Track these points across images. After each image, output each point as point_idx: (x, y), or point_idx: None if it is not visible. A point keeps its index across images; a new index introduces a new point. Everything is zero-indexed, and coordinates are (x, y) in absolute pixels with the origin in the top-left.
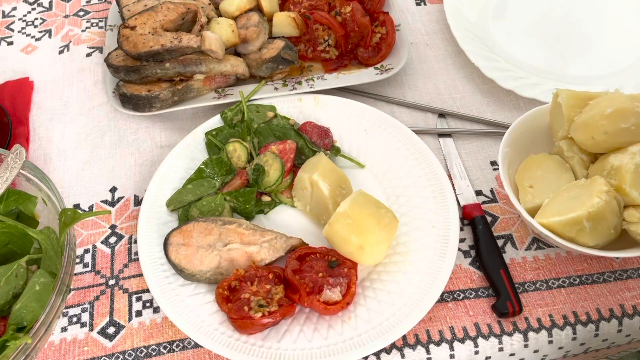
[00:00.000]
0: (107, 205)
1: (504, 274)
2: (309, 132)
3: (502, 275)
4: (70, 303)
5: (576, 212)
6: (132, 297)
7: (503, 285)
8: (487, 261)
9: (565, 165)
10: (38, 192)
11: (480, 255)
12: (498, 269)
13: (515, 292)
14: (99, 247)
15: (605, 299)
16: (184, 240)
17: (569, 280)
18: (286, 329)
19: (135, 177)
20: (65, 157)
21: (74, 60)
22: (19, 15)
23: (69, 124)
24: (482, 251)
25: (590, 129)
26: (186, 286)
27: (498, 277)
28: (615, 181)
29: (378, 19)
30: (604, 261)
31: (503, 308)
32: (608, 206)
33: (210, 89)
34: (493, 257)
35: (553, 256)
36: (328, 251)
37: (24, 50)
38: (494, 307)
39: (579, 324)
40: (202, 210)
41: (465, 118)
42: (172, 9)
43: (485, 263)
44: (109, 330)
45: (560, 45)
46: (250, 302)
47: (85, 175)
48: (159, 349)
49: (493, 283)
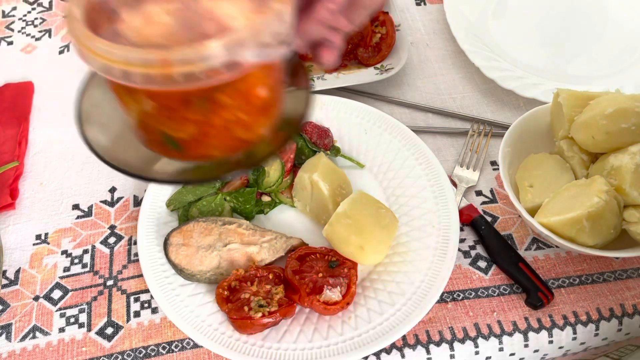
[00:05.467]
0: (106, 205)
1: (524, 267)
2: (309, 132)
3: (522, 269)
4: (68, 304)
5: (576, 212)
6: (130, 297)
7: (528, 279)
8: (503, 258)
9: (565, 165)
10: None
11: (494, 255)
12: (516, 263)
13: (542, 280)
14: (98, 247)
15: (605, 298)
16: (184, 240)
17: (569, 280)
18: (286, 329)
19: None
20: (65, 158)
21: (74, 61)
22: (19, 15)
23: (69, 124)
24: (494, 250)
25: (591, 128)
26: (186, 286)
27: (519, 271)
28: (615, 181)
29: (378, 19)
30: (603, 261)
31: (537, 300)
32: (608, 206)
33: None
34: (507, 253)
35: (553, 256)
36: (328, 251)
37: (24, 50)
38: (528, 303)
39: (579, 323)
40: (202, 210)
41: (465, 118)
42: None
43: (500, 261)
44: (107, 331)
45: (561, 45)
46: (250, 302)
47: (85, 176)
48: (157, 349)
49: (517, 279)
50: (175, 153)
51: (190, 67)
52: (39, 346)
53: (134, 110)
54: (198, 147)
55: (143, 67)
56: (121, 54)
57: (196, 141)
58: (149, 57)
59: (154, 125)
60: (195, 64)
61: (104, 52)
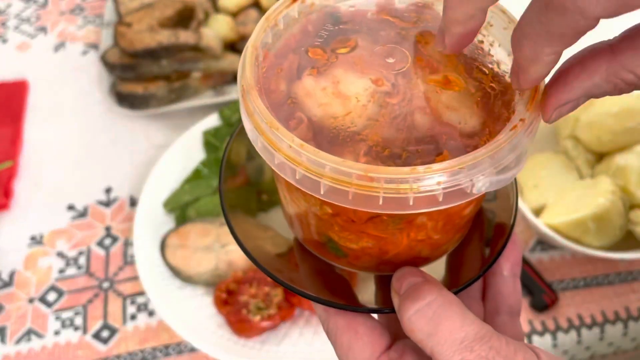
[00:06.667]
0: (102, 206)
1: (528, 269)
2: None
3: (526, 271)
4: (64, 306)
5: (581, 213)
6: (126, 300)
7: (531, 281)
8: None
9: (570, 164)
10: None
11: None
12: None
13: (546, 282)
14: (93, 249)
15: (610, 301)
16: (181, 241)
17: (574, 283)
18: (285, 332)
19: (131, 177)
20: (60, 157)
21: (69, 58)
22: (14, 12)
23: (64, 123)
24: None
25: (596, 128)
26: (183, 289)
27: (523, 273)
28: (620, 181)
29: None
30: (609, 263)
31: (541, 303)
32: (613, 207)
33: (207, 87)
34: None
35: (558, 258)
36: None
37: (19, 48)
38: (532, 306)
39: (583, 327)
40: (199, 211)
41: None
42: (169, 6)
43: None
44: (103, 334)
45: None
46: (249, 305)
47: (80, 175)
48: (154, 352)
49: (521, 281)
50: (334, 257)
51: (400, 193)
52: (34, 349)
53: (302, 209)
54: (366, 259)
55: (338, 181)
56: (319, 161)
57: (367, 255)
58: (352, 171)
59: (320, 228)
60: (411, 188)
61: (288, 149)
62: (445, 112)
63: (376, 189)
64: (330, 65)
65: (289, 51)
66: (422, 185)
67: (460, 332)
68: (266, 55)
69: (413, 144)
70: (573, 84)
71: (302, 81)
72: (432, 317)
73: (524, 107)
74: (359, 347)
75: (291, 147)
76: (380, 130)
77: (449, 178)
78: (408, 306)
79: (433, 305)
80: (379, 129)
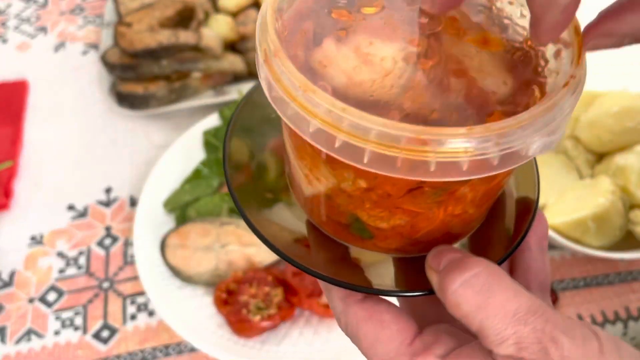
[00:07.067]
0: (102, 206)
1: None
2: None
3: None
4: (64, 306)
5: (581, 213)
6: (126, 300)
7: None
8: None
9: (570, 164)
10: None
11: None
12: None
13: None
14: (93, 249)
15: (610, 301)
16: (181, 241)
17: (574, 283)
18: (286, 332)
19: (131, 177)
20: (60, 157)
21: (69, 58)
22: (14, 12)
23: (64, 123)
24: None
25: (596, 128)
26: (183, 289)
27: None
28: (620, 181)
29: None
30: (609, 263)
31: None
32: (613, 207)
33: (207, 87)
34: None
35: (558, 258)
36: None
37: (19, 48)
38: None
39: None
40: (199, 211)
41: None
42: (169, 6)
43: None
44: (103, 334)
45: None
46: (249, 305)
47: (80, 175)
48: (154, 352)
49: None
50: (358, 240)
51: (455, 156)
52: (34, 349)
53: (328, 186)
54: (395, 240)
55: (385, 146)
56: (363, 124)
57: (397, 234)
58: (402, 134)
59: (348, 207)
60: (465, 151)
61: (327, 114)
62: (483, 74)
63: (428, 154)
64: (358, 26)
65: (309, 13)
66: (478, 148)
67: (513, 304)
68: (281, 19)
69: (452, 109)
70: (626, 16)
71: (325, 46)
72: (481, 288)
73: (571, 65)
74: (386, 337)
75: (331, 111)
76: (416, 96)
77: (506, 139)
78: (453, 278)
79: (481, 276)
80: (414, 94)
